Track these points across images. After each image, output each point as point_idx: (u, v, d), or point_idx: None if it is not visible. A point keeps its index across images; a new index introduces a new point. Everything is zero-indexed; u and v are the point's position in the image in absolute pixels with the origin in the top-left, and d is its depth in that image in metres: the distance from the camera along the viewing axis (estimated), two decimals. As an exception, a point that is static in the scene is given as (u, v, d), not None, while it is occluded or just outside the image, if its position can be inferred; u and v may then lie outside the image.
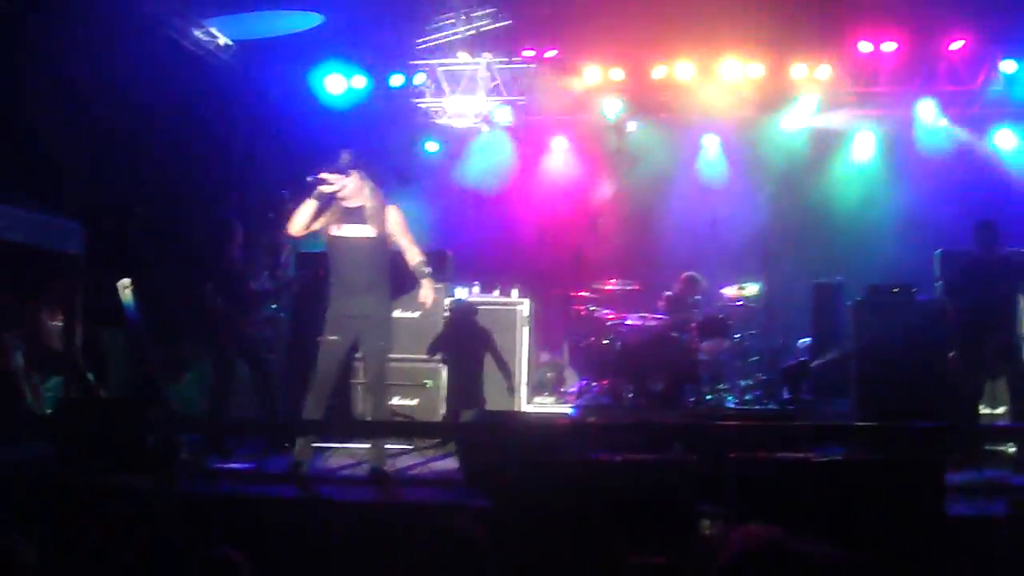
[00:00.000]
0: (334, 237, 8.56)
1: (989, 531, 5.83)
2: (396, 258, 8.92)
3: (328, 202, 8.52)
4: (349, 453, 9.45)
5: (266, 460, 9.09)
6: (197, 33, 13.76)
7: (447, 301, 12.00)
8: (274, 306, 11.31)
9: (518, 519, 5.80)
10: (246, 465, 8.89)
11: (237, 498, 7.01)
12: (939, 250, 11.78)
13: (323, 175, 8.38)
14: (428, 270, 8.91)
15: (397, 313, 10.82)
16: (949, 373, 9.82)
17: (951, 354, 9.82)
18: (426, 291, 8.92)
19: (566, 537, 5.76)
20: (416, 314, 11.15)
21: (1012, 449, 9.63)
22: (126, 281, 9.89)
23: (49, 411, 11.11)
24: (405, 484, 8.25)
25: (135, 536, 4.53)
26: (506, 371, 11.86)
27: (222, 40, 14.18)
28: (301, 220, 8.48)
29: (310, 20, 13.58)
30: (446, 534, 4.46)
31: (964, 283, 9.97)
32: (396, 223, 8.67)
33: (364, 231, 8.51)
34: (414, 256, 8.83)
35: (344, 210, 8.53)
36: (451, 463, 9.02)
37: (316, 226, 8.55)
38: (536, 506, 5.83)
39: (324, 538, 6.46)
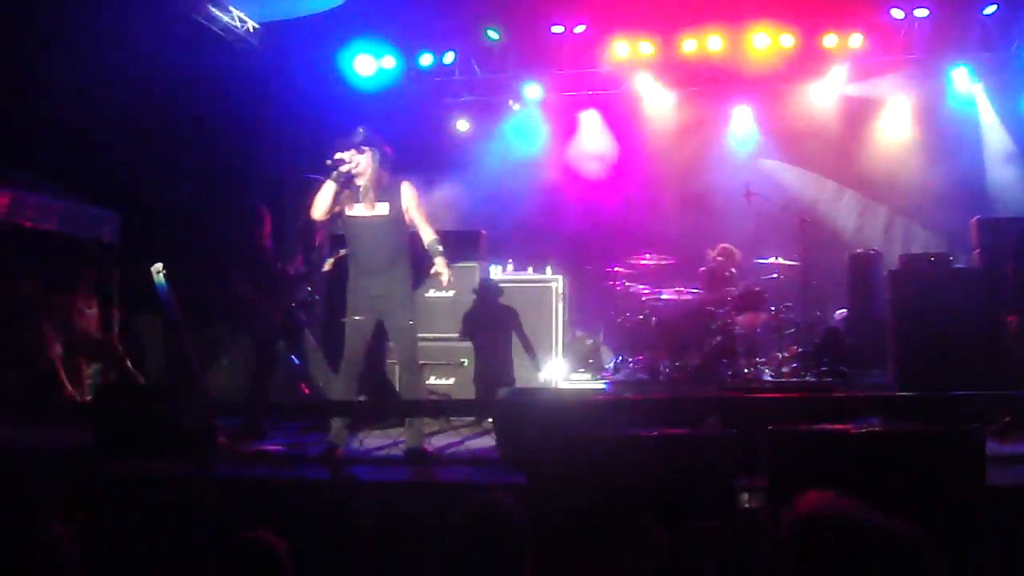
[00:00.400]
0: (350, 217, 8.53)
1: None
2: (449, 241, 9.07)
3: (347, 183, 8.47)
4: (385, 434, 9.44)
5: (305, 442, 9.10)
6: (224, 17, 13.78)
7: (480, 280, 12.00)
8: (309, 289, 11.32)
9: (555, 495, 5.78)
10: (280, 448, 8.91)
11: (272, 482, 7.03)
12: (976, 217, 11.67)
13: (338, 154, 8.36)
14: (441, 248, 8.74)
15: (431, 293, 10.85)
16: (1007, 337, 9.67)
17: (1009, 318, 9.66)
18: (440, 268, 8.73)
19: (603, 513, 5.72)
20: (450, 293, 11.18)
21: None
22: (159, 266, 9.93)
23: (89, 398, 11.20)
24: (442, 463, 8.24)
25: (171, 522, 4.55)
26: (531, 351, 11.80)
27: (250, 24, 14.21)
28: (322, 203, 8.44)
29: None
30: (484, 513, 4.46)
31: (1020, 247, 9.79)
32: (410, 199, 8.59)
33: (379, 209, 8.46)
34: (428, 234, 8.72)
35: (358, 189, 8.48)
36: (487, 441, 9.02)
37: (337, 208, 8.51)
38: (572, 482, 5.81)
39: (361, 519, 6.47)
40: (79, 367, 11.90)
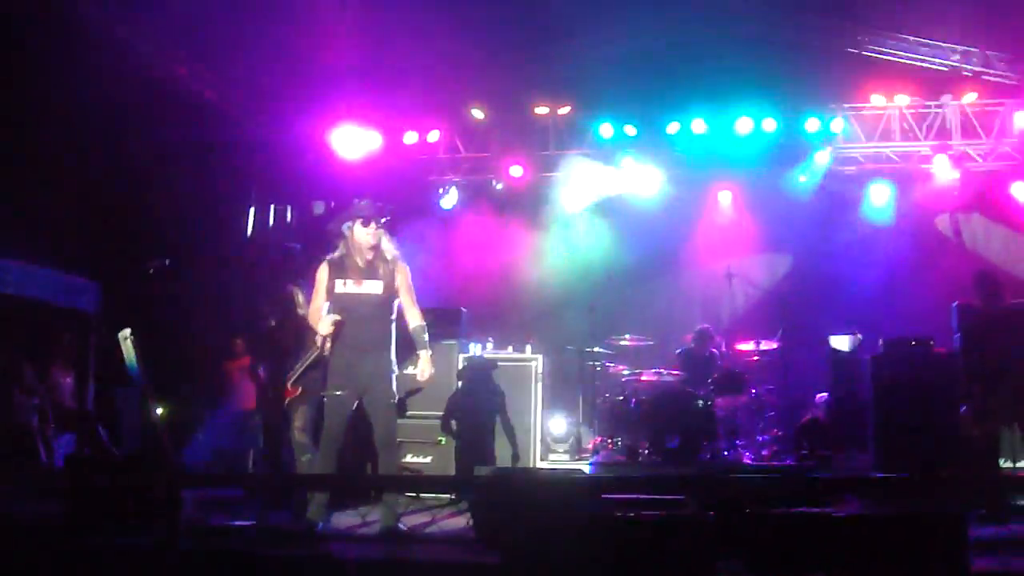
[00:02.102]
0: (341, 293, 8.31)
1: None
2: (430, 318, 8.83)
3: (337, 261, 8.35)
4: (360, 513, 9.31)
5: (271, 517, 8.97)
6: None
7: (461, 358, 11.92)
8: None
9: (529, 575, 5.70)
10: (247, 522, 8.77)
11: (241, 555, 6.91)
12: (956, 302, 11.69)
13: (356, 225, 8.28)
14: (426, 337, 8.61)
15: (409, 370, 10.76)
16: (960, 426, 9.67)
17: (962, 408, 9.67)
18: (424, 364, 8.60)
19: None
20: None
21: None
22: (126, 332, 9.71)
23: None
24: (415, 542, 8.11)
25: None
26: (512, 436, 11.64)
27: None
28: (320, 308, 8.34)
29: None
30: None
31: (971, 335, 9.85)
32: (404, 281, 8.46)
33: (372, 287, 8.31)
34: (415, 318, 8.57)
35: (354, 265, 8.33)
36: (462, 520, 8.91)
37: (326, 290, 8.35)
38: (547, 563, 5.73)
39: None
40: (51, 438, 11.78)
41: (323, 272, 8.30)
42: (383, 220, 8.36)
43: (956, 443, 9.74)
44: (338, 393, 8.30)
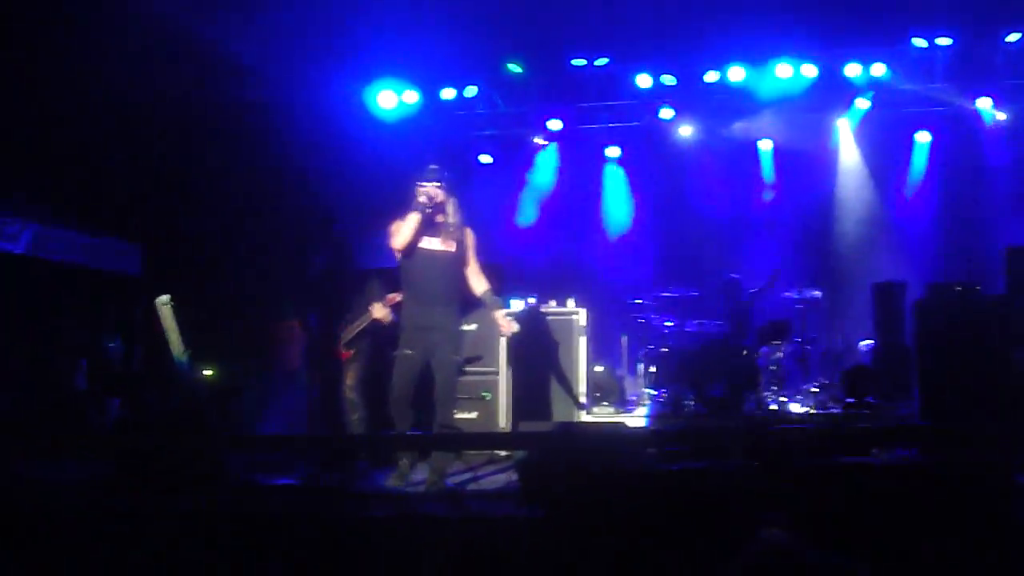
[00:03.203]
0: (421, 249, 8.49)
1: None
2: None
3: (430, 217, 8.48)
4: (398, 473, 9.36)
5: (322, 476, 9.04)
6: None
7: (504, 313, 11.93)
8: None
9: (573, 531, 5.72)
10: (294, 481, 8.85)
11: (286, 516, 6.97)
12: (1007, 246, 11.55)
13: (427, 187, 8.42)
14: (499, 299, 8.91)
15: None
16: (1014, 371, 9.57)
17: (1017, 353, 9.57)
18: (503, 320, 8.86)
19: (623, 549, 5.67)
20: (473, 326, 11.10)
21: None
22: (164, 298, 9.77)
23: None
24: (459, 498, 8.16)
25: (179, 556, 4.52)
26: (569, 387, 11.71)
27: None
28: (406, 234, 8.42)
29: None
30: (501, 547, 4.40)
31: (1018, 277, 9.73)
32: (472, 244, 8.74)
33: (446, 245, 8.51)
34: (482, 284, 8.79)
35: (428, 223, 8.47)
36: (504, 477, 8.94)
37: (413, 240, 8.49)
38: (592, 517, 5.75)
39: (374, 555, 6.41)
40: (102, 401, 11.89)
41: (416, 218, 8.41)
42: (441, 183, 8.51)
43: (1011, 390, 9.65)
44: (408, 352, 8.49)
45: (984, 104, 14.85)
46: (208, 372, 13.89)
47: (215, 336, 12.74)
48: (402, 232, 8.42)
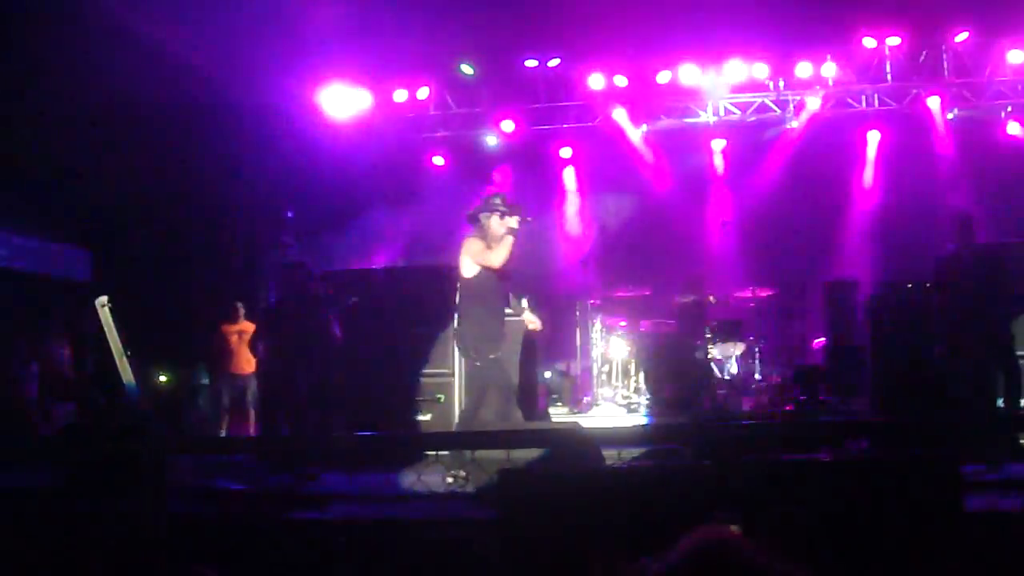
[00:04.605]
0: (492, 267, 8.97)
1: (1006, 526, 5.73)
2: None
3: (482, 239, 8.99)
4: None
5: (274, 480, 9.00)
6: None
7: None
8: None
9: (526, 530, 5.70)
10: (243, 485, 8.80)
11: (231, 519, 6.93)
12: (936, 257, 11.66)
13: (510, 213, 8.97)
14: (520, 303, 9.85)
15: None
16: (936, 366, 9.67)
17: (937, 348, 9.67)
18: (530, 319, 10.42)
19: (575, 548, 5.65)
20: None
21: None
22: (103, 299, 9.65)
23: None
24: (411, 499, 8.12)
25: (119, 560, 4.46)
26: (519, 385, 11.70)
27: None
28: (506, 255, 8.93)
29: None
30: (454, 548, 4.38)
31: (941, 275, 9.83)
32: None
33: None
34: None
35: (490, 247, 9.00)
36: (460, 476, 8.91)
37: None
38: (544, 516, 5.73)
39: (321, 557, 6.38)
40: (52, 407, 11.78)
41: (477, 241, 8.96)
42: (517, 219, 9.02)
43: (940, 384, 9.74)
44: (493, 357, 8.98)
45: (933, 103, 14.97)
46: (162, 377, 13.82)
47: (167, 340, 12.67)
48: (501, 255, 8.89)
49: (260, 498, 8.35)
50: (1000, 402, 9.39)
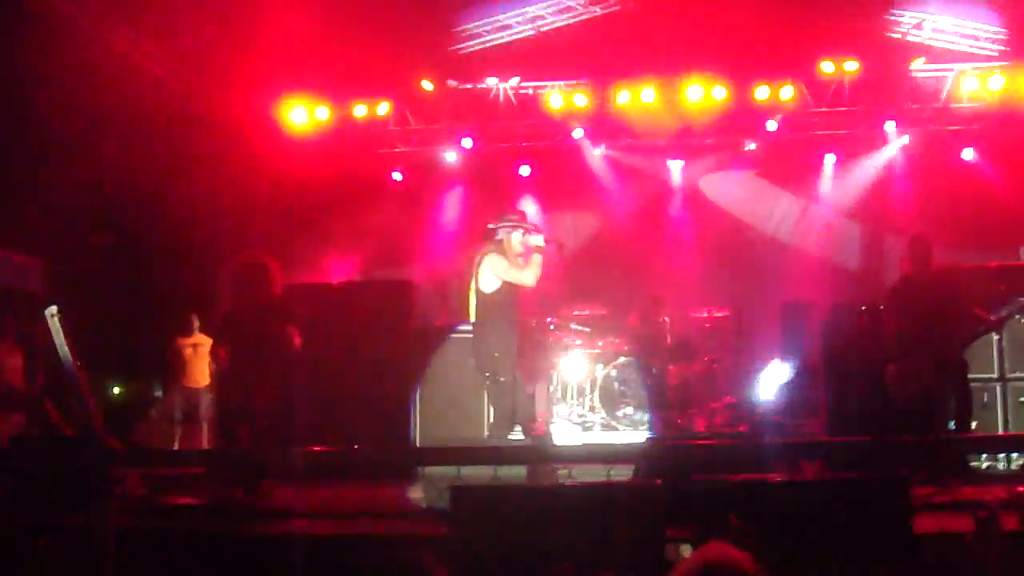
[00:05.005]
0: (508, 282, 9.05)
1: (955, 546, 5.77)
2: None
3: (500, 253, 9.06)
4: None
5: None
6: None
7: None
8: None
9: (478, 547, 5.69)
10: (194, 500, 8.74)
11: (181, 533, 6.89)
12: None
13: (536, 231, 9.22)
14: None
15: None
16: (886, 385, 9.72)
17: (887, 367, 9.72)
18: None
19: (528, 565, 5.65)
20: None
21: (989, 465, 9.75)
22: (53, 309, 9.54)
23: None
24: (366, 515, 8.09)
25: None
26: (472, 401, 11.69)
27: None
28: (539, 272, 9.04)
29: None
30: (405, 565, 4.36)
31: (895, 299, 9.91)
32: None
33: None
34: None
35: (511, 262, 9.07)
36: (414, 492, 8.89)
37: None
38: (496, 533, 5.72)
39: (272, 573, 6.35)
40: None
41: (500, 257, 9.01)
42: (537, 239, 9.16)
43: (888, 406, 9.80)
44: (506, 377, 9.03)
45: (889, 128, 15.13)
46: (115, 389, 13.70)
47: (120, 352, 12.56)
48: (535, 272, 9.01)
49: (212, 513, 8.30)
50: (951, 425, 9.47)
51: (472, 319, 9.27)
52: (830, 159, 15.79)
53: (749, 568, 3.26)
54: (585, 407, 12.98)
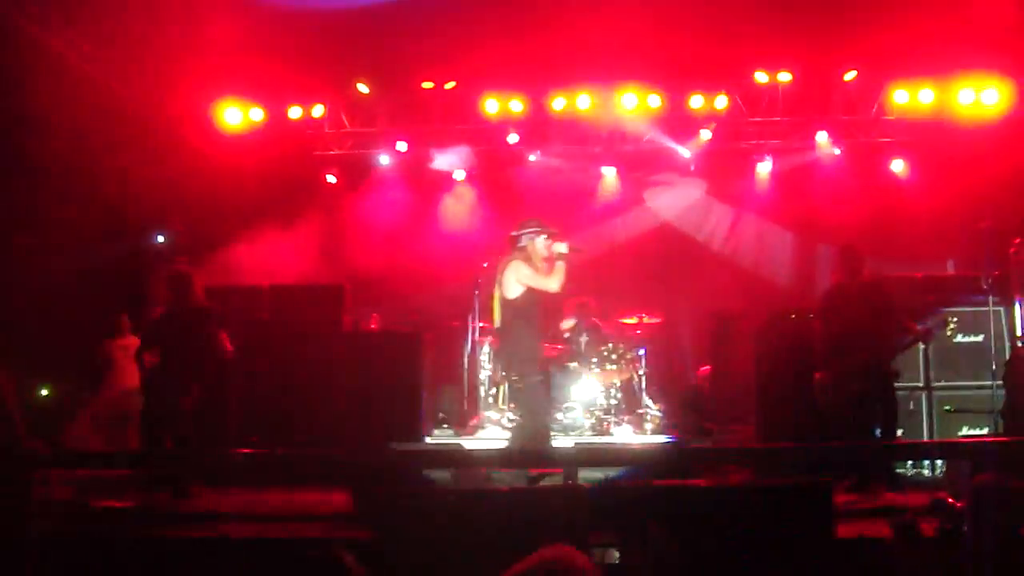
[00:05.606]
0: (533, 287, 9.20)
1: (875, 552, 5.85)
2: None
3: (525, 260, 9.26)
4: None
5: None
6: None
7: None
8: None
9: (402, 551, 5.68)
10: (127, 504, 8.66)
11: (107, 537, 6.82)
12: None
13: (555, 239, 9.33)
14: None
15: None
16: (813, 392, 9.82)
17: (816, 375, 9.83)
18: None
19: (452, 569, 5.65)
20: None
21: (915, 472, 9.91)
22: None
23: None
24: (291, 519, 8.05)
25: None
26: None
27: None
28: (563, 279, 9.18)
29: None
30: (325, 569, 4.33)
31: (825, 306, 10.03)
32: None
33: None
34: None
35: (535, 267, 9.24)
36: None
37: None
38: (421, 537, 5.72)
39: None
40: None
41: (524, 264, 9.21)
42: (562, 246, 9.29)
43: (815, 413, 9.90)
44: (535, 379, 9.24)
45: (821, 138, 15.29)
46: (43, 391, 13.52)
47: (49, 354, 12.41)
48: (559, 279, 9.16)
49: (138, 516, 8.23)
50: (877, 432, 9.58)
51: (497, 325, 9.46)
52: (763, 168, 15.90)
53: (587, 569, 3.33)
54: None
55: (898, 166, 15.51)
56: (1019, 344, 10.69)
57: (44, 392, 13.78)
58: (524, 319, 9.19)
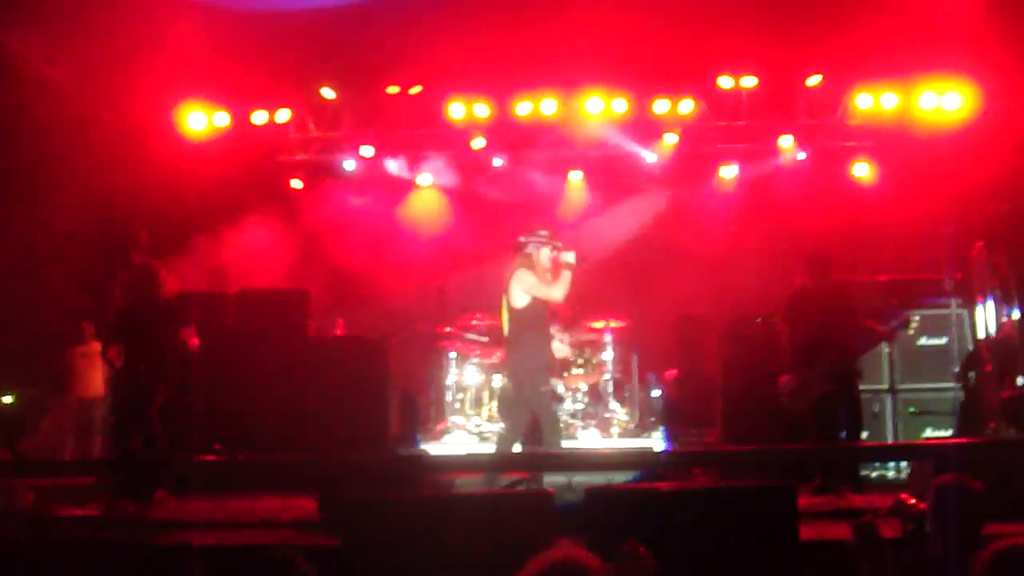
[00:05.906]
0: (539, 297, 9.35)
1: (838, 554, 5.87)
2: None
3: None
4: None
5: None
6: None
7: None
8: None
9: (368, 558, 5.67)
10: (90, 511, 8.60)
11: (71, 545, 6.76)
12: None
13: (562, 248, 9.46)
14: None
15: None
16: (777, 395, 9.88)
17: (782, 378, 9.88)
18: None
19: (420, 574, 5.64)
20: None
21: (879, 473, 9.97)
22: None
23: None
24: (256, 527, 8.00)
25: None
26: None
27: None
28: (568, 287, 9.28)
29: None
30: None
31: (793, 310, 10.09)
32: None
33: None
34: None
35: (540, 276, 9.39)
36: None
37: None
38: (386, 543, 5.70)
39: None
40: None
41: (528, 272, 9.35)
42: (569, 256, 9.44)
43: (780, 415, 9.95)
44: (544, 388, 9.48)
45: (786, 142, 15.35)
46: (6, 398, 13.43)
47: (11, 360, 12.33)
48: (563, 289, 9.30)
49: (102, 524, 8.19)
50: (842, 434, 9.63)
51: (506, 334, 9.50)
52: (729, 172, 15.94)
53: (596, 568, 3.35)
54: (483, 416, 12.95)
55: (862, 170, 15.56)
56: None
57: (7, 400, 13.68)
58: (534, 329, 9.31)
